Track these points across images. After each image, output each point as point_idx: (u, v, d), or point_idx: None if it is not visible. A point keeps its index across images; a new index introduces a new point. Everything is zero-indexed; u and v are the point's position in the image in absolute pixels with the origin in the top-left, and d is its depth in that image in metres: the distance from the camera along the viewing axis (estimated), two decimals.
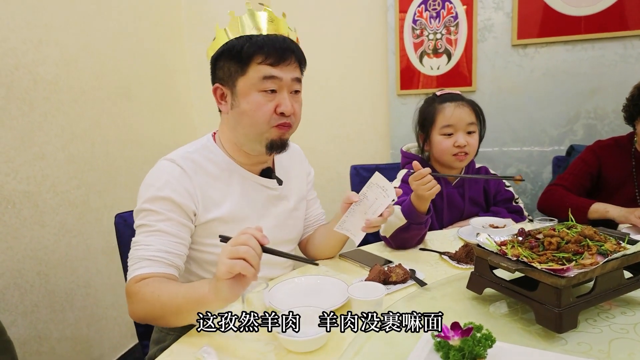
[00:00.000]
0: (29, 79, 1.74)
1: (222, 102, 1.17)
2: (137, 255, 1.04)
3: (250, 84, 1.09)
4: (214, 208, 1.14)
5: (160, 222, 1.06)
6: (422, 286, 1.09)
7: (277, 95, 1.11)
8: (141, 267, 1.02)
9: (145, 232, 1.06)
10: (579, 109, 2.37)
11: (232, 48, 1.10)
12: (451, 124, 1.62)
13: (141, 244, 1.05)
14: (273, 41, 1.09)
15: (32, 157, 1.75)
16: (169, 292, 0.95)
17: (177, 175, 1.11)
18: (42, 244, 1.79)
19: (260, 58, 1.08)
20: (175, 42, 2.65)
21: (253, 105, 1.10)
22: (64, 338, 1.88)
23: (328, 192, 2.93)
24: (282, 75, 1.10)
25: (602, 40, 2.27)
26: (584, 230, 0.92)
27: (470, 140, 1.63)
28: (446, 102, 1.65)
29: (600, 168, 1.74)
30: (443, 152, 1.65)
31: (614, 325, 0.86)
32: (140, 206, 1.10)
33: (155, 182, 1.10)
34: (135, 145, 2.30)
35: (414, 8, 2.52)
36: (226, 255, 0.83)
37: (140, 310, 1.00)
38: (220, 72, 1.15)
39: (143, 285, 0.99)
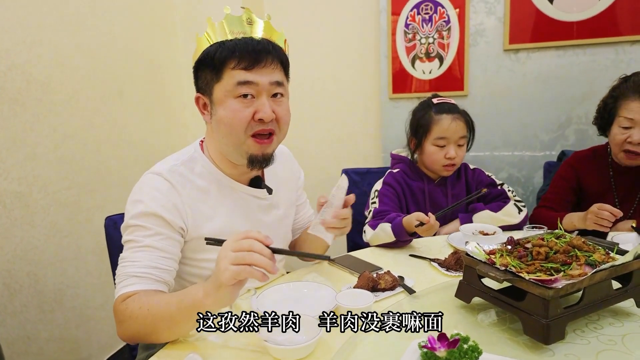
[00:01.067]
0: (22, 79, 1.72)
1: (204, 111, 1.13)
2: (124, 273, 1.00)
3: (226, 90, 1.05)
4: (205, 223, 1.11)
5: (148, 238, 1.03)
6: (410, 294, 1.09)
7: (255, 101, 1.06)
8: (128, 285, 0.98)
9: (133, 248, 1.03)
10: (571, 114, 2.39)
11: (207, 55, 1.07)
12: (445, 137, 1.67)
13: (128, 260, 1.02)
14: (245, 44, 1.04)
15: (24, 158, 1.73)
16: (158, 304, 0.92)
17: (165, 191, 1.07)
18: (32, 244, 1.78)
19: (233, 63, 1.04)
20: (168, 43, 2.64)
21: (229, 112, 1.05)
22: (52, 338, 1.87)
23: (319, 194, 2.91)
24: (258, 79, 1.04)
25: (593, 46, 2.28)
26: (572, 240, 0.93)
27: (459, 152, 1.69)
28: (443, 114, 1.68)
29: (579, 181, 1.74)
30: (434, 162, 1.71)
31: (602, 336, 0.86)
32: (127, 222, 1.06)
33: (142, 197, 1.06)
34: (127, 146, 2.28)
35: (407, 12, 2.52)
36: (230, 262, 0.82)
37: (130, 328, 0.96)
38: (200, 81, 1.11)
39: (130, 302, 0.95)
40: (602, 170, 1.70)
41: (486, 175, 1.80)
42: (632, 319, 0.92)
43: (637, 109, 1.51)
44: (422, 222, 1.37)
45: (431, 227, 1.38)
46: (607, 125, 1.64)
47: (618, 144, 1.58)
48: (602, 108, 1.67)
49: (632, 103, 1.53)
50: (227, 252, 0.83)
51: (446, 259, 1.26)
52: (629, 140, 1.54)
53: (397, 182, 1.74)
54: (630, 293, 0.92)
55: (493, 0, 2.40)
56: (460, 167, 1.80)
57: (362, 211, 1.92)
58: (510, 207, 1.64)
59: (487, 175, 1.80)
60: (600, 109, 1.68)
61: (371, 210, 1.66)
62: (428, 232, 1.40)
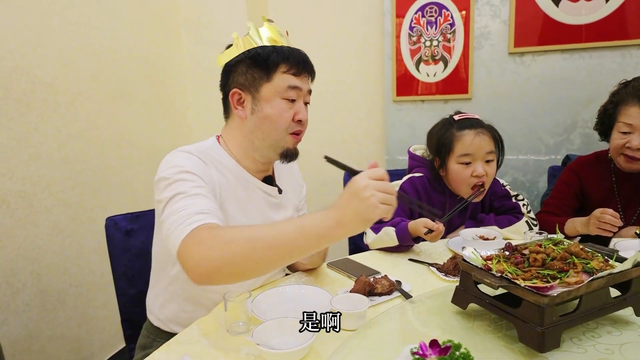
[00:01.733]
0: (27, 80, 1.74)
1: (238, 107, 1.18)
2: (187, 214, 0.93)
3: (275, 91, 1.14)
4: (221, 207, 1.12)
5: (197, 188, 1.01)
6: (407, 299, 1.09)
7: (295, 104, 1.17)
8: (200, 220, 0.91)
9: (183, 198, 0.98)
10: (576, 117, 2.36)
11: (257, 55, 1.14)
12: (470, 153, 1.53)
13: (184, 206, 0.95)
14: (296, 53, 1.16)
15: (28, 158, 1.75)
16: (266, 229, 0.86)
17: (198, 161, 1.09)
18: (36, 243, 1.80)
19: (286, 67, 1.14)
20: (173, 44, 2.65)
21: (277, 110, 1.14)
22: (54, 337, 1.88)
23: (322, 195, 2.93)
24: (302, 86, 1.17)
25: (600, 49, 2.26)
26: (570, 247, 0.92)
27: (488, 170, 1.54)
28: (465, 129, 1.55)
29: (582, 186, 1.72)
30: (460, 183, 1.57)
31: (599, 345, 0.85)
32: (167, 185, 1.02)
33: (177, 161, 1.06)
34: (130, 147, 2.30)
35: (411, 14, 2.51)
36: (379, 200, 0.81)
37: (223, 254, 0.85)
38: (240, 77, 1.16)
39: (223, 228, 0.90)
40: (605, 176, 1.69)
41: (501, 186, 1.70)
42: (631, 327, 0.91)
43: (635, 115, 1.51)
44: (431, 229, 1.35)
45: (440, 233, 1.37)
46: (608, 131, 1.63)
47: (617, 148, 1.57)
48: (602, 113, 1.66)
49: (631, 108, 1.52)
50: (372, 190, 0.81)
51: (445, 264, 1.26)
52: (627, 145, 1.53)
53: (416, 190, 1.63)
54: (629, 301, 0.90)
55: (498, 3, 2.39)
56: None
57: None
58: (520, 225, 1.57)
59: (502, 186, 1.70)
60: (601, 114, 1.67)
61: None
62: (436, 238, 1.38)
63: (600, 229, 1.42)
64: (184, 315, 1.19)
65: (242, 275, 0.88)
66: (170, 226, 0.94)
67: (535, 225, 1.61)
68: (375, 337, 0.92)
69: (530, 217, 1.63)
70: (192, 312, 1.17)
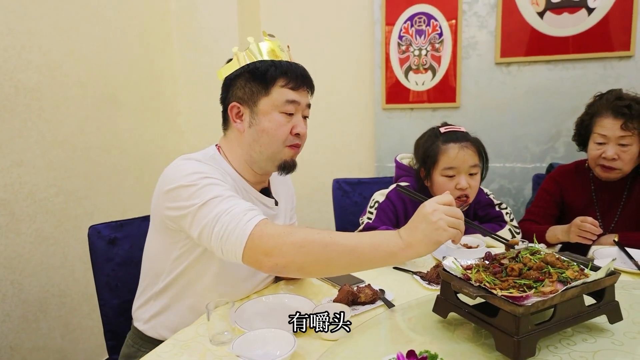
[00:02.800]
0: (10, 85, 1.73)
1: (237, 120, 1.19)
2: (239, 211, 0.96)
3: (273, 104, 1.16)
4: None
5: (229, 191, 1.02)
6: (389, 307, 1.09)
7: (293, 118, 1.18)
8: (258, 215, 0.96)
9: (223, 199, 0.98)
10: (561, 127, 2.40)
11: (256, 69, 1.16)
12: (454, 166, 1.55)
13: (231, 206, 0.97)
14: (295, 68, 1.18)
15: (10, 164, 1.73)
16: (343, 236, 0.90)
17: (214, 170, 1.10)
18: (17, 252, 1.77)
19: (284, 81, 1.16)
20: (163, 48, 2.65)
21: (274, 124, 1.16)
22: (36, 348, 1.85)
23: (313, 202, 2.94)
24: (300, 100, 1.19)
25: (583, 61, 2.31)
26: (546, 257, 0.93)
27: (471, 183, 1.57)
28: (450, 143, 1.57)
29: (562, 195, 1.76)
30: None
31: (574, 352, 0.86)
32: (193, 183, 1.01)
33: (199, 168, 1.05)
34: (119, 153, 2.29)
35: (400, 24, 2.54)
36: (447, 223, 0.89)
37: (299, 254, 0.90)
38: (239, 91, 1.18)
39: (293, 228, 0.97)
40: (584, 185, 1.72)
41: (485, 195, 1.72)
42: (606, 335, 0.92)
43: (609, 126, 1.56)
44: None
45: None
46: (585, 141, 1.68)
47: (594, 158, 1.63)
48: (579, 125, 1.72)
49: (605, 120, 1.58)
50: (440, 214, 0.89)
51: (428, 272, 1.26)
52: (603, 156, 1.58)
53: (401, 199, 1.64)
54: (603, 309, 0.91)
55: (485, 14, 2.42)
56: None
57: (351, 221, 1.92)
58: (503, 233, 1.60)
59: (485, 195, 1.72)
60: (578, 125, 1.73)
61: (364, 221, 1.63)
62: None
63: (580, 237, 1.45)
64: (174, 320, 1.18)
65: (311, 273, 1.00)
66: (227, 226, 0.94)
67: (518, 233, 1.63)
68: (356, 347, 0.92)
69: (513, 225, 1.65)
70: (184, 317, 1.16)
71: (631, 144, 1.56)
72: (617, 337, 0.91)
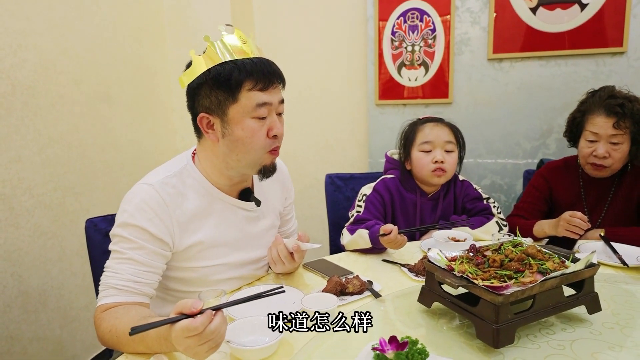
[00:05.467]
0: (7, 83, 1.75)
1: (209, 130, 1.13)
2: (105, 282, 1.05)
3: (243, 111, 1.08)
4: (191, 235, 1.15)
5: (131, 250, 1.06)
6: (376, 297, 1.13)
7: (267, 120, 1.11)
8: (108, 296, 1.03)
9: (117, 259, 1.06)
10: (552, 123, 2.43)
11: (218, 75, 1.07)
12: (429, 141, 1.66)
13: (111, 271, 1.05)
14: (260, 66, 1.08)
15: (8, 161, 1.76)
16: (125, 334, 0.91)
17: (154, 205, 1.09)
18: (17, 245, 1.80)
19: (250, 84, 1.07)
20: (157, 46, 2.67)
21: (248, 132, 1.10)
22: (36, 338, 1.89)
23: (306, 198, 2.97)
24: (271, 100, 1.10)
25: (575, 57, 2.33)
26: (527, 249, 0.96)
27: (447, 158, 1.65)
28: (427, 123, 1.71)
29: (551, 191, 1.78)
30: (422, 168, 1.67)
31: (552, 341, 0.90)
32: (114, 230, 1.10)
33: (130, 208, 1.08)
34: (114, 149, 2.31)
35: (393, 20, 2.56)
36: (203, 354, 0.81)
37: (102, 340, 1.02)
38: (205, 101, 1.10)
39: (105, 318, 1.00)
40: (573, 181, 1.75)
41: (473, 189, 1.76)
42: (584, 325, 0.96)
43: (601, 124, 1.56)
44: (385, 233, 1.38)
45: (394, 241, 1.38)
46: (576, 138, 1.69)
47: (584, 156, 1.63)
48: (570, 122, 1.73)
49: (597, 118, 1.58)
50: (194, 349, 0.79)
51: (415, 265, 1.30)
52: (594, 154, 1.59)
53: (388, 191, 1.71)
54: (582, 300, 0.95)
55: (478, 10, 2.45)
56: (450, 179, 1.75)
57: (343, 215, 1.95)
58: (491, 225, 1.64)
59: (474, 188, 1.77)
60: (569, 122, 1.73)
61: (354, 214, 1.67)
62: (392, 245, 1.41)
63: (569, 231, 1.47)
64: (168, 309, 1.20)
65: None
66: (100, 282, 1.07)
67: (505, 226, 1.67)
68: (342, 335, 0.95)
69: (500, 218, 1.69)
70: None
71: (622, 143, 1.56)
72: (596, 327, 0.95)
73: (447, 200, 1.75)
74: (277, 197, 1.40)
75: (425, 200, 1.72)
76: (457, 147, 1.69)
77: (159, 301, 1.23)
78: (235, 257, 1.23)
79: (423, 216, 1.73)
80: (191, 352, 0.79)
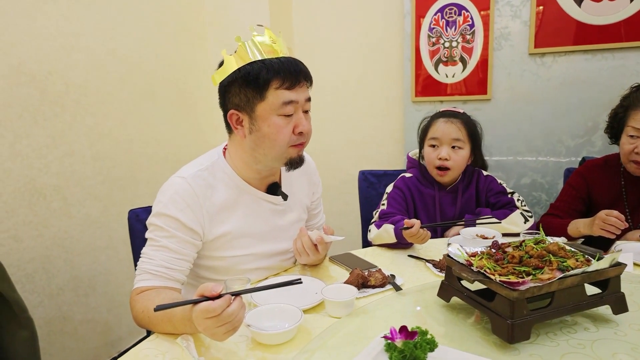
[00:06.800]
0: (61, 83, 1.89)
1: (238, 127, 1.20)
2: (141, 267, 1.14)
3: (270, 109, 1.13)
4: (220, 226, 1.22)
5: (164, 239, 1.14)
6: (397, 290, 1.14)
7: (293, 117, 1.16)
8: (143, 280, 1.12)
9: (151, 246, 1.15)
10: (598, 119, 2.33)
11: (248, 74, 1.12)
12: (436, 137, 1.69)
13: (146, 257, 1.14)
14: (287, 65, 1.13)
15: (62, 154, 1.90)
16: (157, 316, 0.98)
17: (186, 196, 1.17)
18: (69, 233, 1.95)
19: (278, 83, 1.12)
20: (198, 46, 2.78)
21: (274, 128, 1.15)
22: (86, 320, 2.03)
23: (342, 194, 2.99)
24: (298, 98, 1.15)
25: (622, 50, 2.22)
26: (549, 246, 0.95)
27: (453, 155, 1.66)
28: (439, 118, 1.72)
29: (589, 190, 1.71)
30: (428, 163, 1.73)
31: (572, 340, 0.88)
32: (149, 219, 1.19)
33: (164, 199, 1.17)
34: (157, 145, 2.44)
35: (431, 16, 2.54)
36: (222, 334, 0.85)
37: (137, 320, 1.09)
38: (235, 98, 1.17)
39: (139, 300, 1.08)
40: (613, 179, 1.68)
41: (497, 184, 1.76)
42: (609, 325, 0.93)
43: None
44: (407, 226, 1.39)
45: (416, 234, 1.39)
46: (618, 134, 1.62)
47: (626, 153, 1.57)
48: (612, 117, 1.66)
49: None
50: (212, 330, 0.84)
51: (440, 261, 1.30)
52: (636, 151, 1.52)
53: (407, 187, 1.76)
54: (606, 300, 0.93)
55: (519, 4, 2.38)
56: (473, 174, 1.77)
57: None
58: (515, 216, 1.62)
59: (498, 183, 1.76)
60: (611, 117, 1.66)
61: (378, 211, 1.70)
62: (415, 239, 1.41)
63: (604, 230, 1.42)
64: None
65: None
66: (137, 267, 1.16)
67: (531, 217, 1.64)
68: (359, 324, 0.98)
69: (525, 210, 1.67)
70: None
71: None
72: (621, 328, 0.93)
73: (468, 194, 1.76)
74: (304, 191, 1.44)
75: (443, 193, 1.75)
76: (469, 143, 1.69)
77: (191, 288, 1.30)
78: (262, 248, 1.29)
79: (443, 209, 1.74)
80: (209, 332, 0.85)
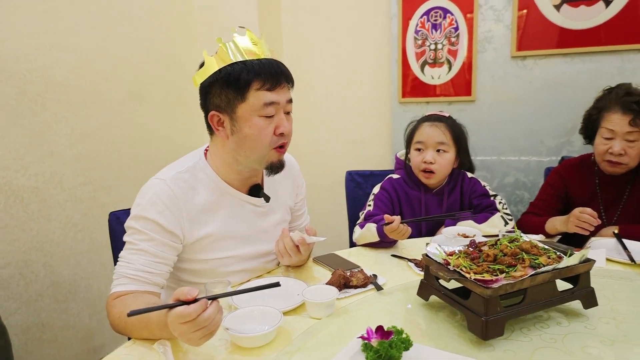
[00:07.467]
0: (42, 81, 1.86)
1: (219, 128, 1.19)
2: (118, 272, 1.11)
3: (251, 110, 1.13)
4: (202, 228, 1.21)
5: (143, 242, 1.12)
6: (378, 290, 1.15)
7: (274, 118, 1.16)
8: (120, 284, 1.10)
9: (129, 250, 1.13)
10: (576, 121, 2.33)
11: (228, 75, 1.12)
12: (422, 141, 1.72)
13: (124, 261, 1.12)
14: (268, 66, 1.13)
15: (42, 155, 1.87)
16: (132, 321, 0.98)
17: (166, 198, 1.15)
18: (48, 237, 1.92)
19: (258, 84, 1.12)
20: (187, 46, 2.76)
21: (255, 129, 1.15)
22: (66, 327, 2.00)
23: (329, 194, 2.99)
24: (279, 99, 1.15)
25: (599, 54, 2.27)
26: (522, 244, 0.97)
27: (438, 159, 1.69)
28: (425, 122, 1.76)
29: (566, 189, 1.76)
30: (414, 167, 1.76)
31: (544, 335, 0.90)
32: (128, 222, 1.17)
33: (143, 201, 1.16)
34: (145, 145, 2.40)
35: (417, 18, 2.57)
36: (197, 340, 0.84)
37: (114, 325, 1.09)
38: (216, 99, 1.17)
39: (115, 305, 1.07)
40: (589, 178, 1.72)
41: (481, 186, 1.78)
42: (580, 319, 0.95)
43: (617, 121, 1.54)
44: (388, 222, 1.40)
45: (396, 229, 1.40)
46: (592, 135, 1.67)
47: (600, 153, 1.61)
48: (586, 118, 1.71)
49: (614, 115, 1.56)
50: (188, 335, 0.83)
51: (421, 260, 1.31)
52: (610, 151, 1.57)
53: (394, 189, 1.78)
54: (577, 295, 0.95)
55: (501, 8, 2.42)
56: (458, 176, 1.79)
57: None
58: (495, 219, 1.65)
59: (482, 185, 1.79)
60: (585, 119, 1.71)
61: (364, 212, 1.71)
62: (395, 235, 1.43)
63: (579, 227, 1.45)
64: None
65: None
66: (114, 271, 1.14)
67: (511, 219, 1.67)
68: (339, 325, 0.99)
69: (505, 213, 1.69)
70: None
71: (638, 140, 1.54)
72: (592, 322, 0.95)
73: (453, 196, 1.78)
74: (287, 192, 1.44)
75: (429, 195, 1.77)
76: (454, 146, 1.72)
77: (171, 292, 1.29)
78: (245, 250, 1.28)
79: (429, 211, 1.76)
80: (185, 337, 0.84)
